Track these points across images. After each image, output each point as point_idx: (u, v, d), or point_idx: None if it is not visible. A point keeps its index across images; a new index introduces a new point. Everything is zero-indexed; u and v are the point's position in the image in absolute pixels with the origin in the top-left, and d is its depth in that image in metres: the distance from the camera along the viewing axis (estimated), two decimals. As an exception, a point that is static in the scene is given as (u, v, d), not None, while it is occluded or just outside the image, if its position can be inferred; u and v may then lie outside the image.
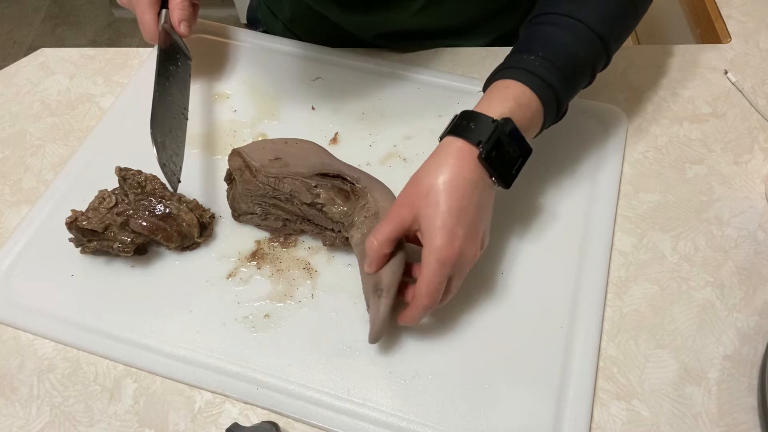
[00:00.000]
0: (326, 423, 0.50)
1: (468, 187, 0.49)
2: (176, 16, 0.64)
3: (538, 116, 0.52)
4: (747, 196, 0.62)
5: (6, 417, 0.53)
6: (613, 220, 0.61)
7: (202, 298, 0.57)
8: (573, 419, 0.50)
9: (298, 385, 0.52)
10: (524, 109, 0.51)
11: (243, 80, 0.73)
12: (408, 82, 0.72)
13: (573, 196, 0.62)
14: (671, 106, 0.70)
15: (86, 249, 0.58)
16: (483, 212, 0.51)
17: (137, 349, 0.54)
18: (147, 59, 0.76)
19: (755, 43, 0.75)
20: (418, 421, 0.50)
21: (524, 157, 0.52)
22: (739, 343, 0.54)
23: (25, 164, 0.68)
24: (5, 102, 0.74)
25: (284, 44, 0.76)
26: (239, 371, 0.53)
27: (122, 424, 0.52)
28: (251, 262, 0.59)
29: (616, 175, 0.64)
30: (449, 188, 0.48)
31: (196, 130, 0.69)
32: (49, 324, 0.56)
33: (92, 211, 0.57)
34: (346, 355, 0.54)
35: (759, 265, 0.58)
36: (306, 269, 0.59)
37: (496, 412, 0.50)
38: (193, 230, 0.58)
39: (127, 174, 0.58)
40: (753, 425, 0.50)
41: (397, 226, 0.50)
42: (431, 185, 0.49)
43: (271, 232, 0.60)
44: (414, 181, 0.51)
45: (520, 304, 0.56)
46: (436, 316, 0.55)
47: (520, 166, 0.52)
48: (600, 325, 0.55)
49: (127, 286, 0.58)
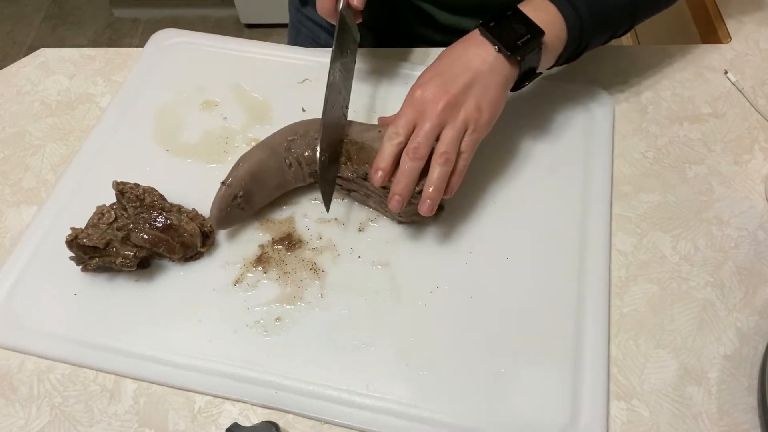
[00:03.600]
0: (348, 420, 0.51)
1: (459, 51, 0.56)
2: None
3: (556, 24, 0.57)
4: (747, 196, 0.62)
5: (6, 417, 0.53)
6: (610, 191, 0.62)
7: (210, 307, 0.57)
8: (591, 394, 0.51)
9: (317, 384, 0.52)
10: (541, 12, 0.56)
11: (230, 87, 0.73)
12: (395, 78, 0.72)
13: (568, 174, 0.64)
14: (671, 106, 0.70)
15: (88, 267, 0.56)
16: (473, 79, 0.54)
17: (149, 363, 0.54)
18: (139, 59, 0.76)
19: (755, 43, 0.75)
20: (439, 410, 0.51)
21: (533, 35, 0.55)
22: (739, 343, 0.54)
23: (25, 164, 0.68)
24: (5, 102, 0.74)
25: (268, 48, 0.76)
26: (256, 376, 0.53)
27: (122, 424, 0.52)
28: (257, 267, 0.59)
29: (608, 148, 0.65)
30: (442, 55, 0.57)
31: (187, 139, 0.68)
32: (57, 346, 0.55)
33: (92, 228, 0.56)
34: (361, 351, 0.54)
35: (759, 265, 0.58)
36: (313, 270, 0.59)
37: (515, 395, 0.51)
38: (196, 240, 0.58)
39: (124, 188, 0.57)
40: (753, 425, 0.50)
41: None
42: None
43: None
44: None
45: (527, 288, 0.57)
46: (446, 302, 0.56)
47: (529, 42, 0.55)
48: (607, 295, 0.56)
49: (132, 301, 0.57)
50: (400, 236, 0.60)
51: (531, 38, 0.55)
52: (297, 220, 0.62)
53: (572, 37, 0.58)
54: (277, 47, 0.77)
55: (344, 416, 0.51)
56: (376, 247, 0.60)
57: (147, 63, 0.75)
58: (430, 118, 0.53)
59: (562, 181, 0.63)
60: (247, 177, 0.58)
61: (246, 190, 0.58)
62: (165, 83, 0.73)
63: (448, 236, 0.60)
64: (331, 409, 0.51)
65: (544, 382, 0.52)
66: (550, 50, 0.57)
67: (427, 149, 0.53)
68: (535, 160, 0.65)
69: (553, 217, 0.61)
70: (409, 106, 0.55)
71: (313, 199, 0.63)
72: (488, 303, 0.56)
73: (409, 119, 0.54)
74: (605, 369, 0.52)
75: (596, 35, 0.60)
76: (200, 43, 0.78)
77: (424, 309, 0.56)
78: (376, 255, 0.59)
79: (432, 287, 0.57)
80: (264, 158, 0.59)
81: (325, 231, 0.61)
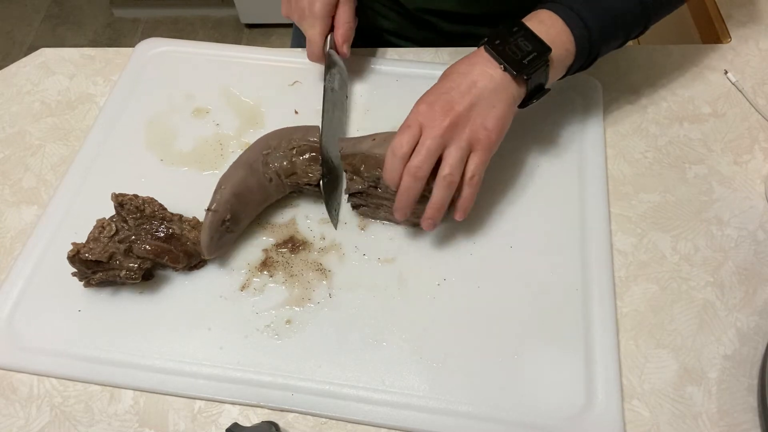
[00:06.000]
0: (368, 417, 0.51)
1: (464, 68, 0.55)
2: (341, 34, 0.65)
3: (563, 37, 0.55)
4: (747, 196, 0.62)
5: (6, 417, 0.53)
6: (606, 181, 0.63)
7: (219, 314, 0.56)
8: (604, 373, 0.52)
9: (333, 384, 0.52)
10: (546, 26, 0.55)
11: (220, 93, 0.73)
12: (386, 76, 0.72)
13: (562, 159, 0.65)
14: (671, 106, 0.70)
15: (91, 282, 0.56)
16: (477, 98, 0.53)
17: (163, 375, 0.53)
18: (125, 70, 0.76)
19: (755, 43, 0.75)
20: (457, 401, 0.51)
21: (540, 52, 0.53)
22: (739, 343, 0.54)
23: (25, 164, 0.68)
24: (5, 102, 0.74)
25: (255, 53, 0.76)
26: (270, 380, 0.53)
27: (122, 424, 0.52)
28: (262, 271, 0.59)
29: (600, 139, 0.66)
30: (447, 72, 0.56)
31: (180, 148, 0.68)
32: (65, 364, 0.54)
33: (93, 242, 0.55)
34: (374, 347, 0.54)
35: (759, 265, 0.58)
36: (319, 270, 0.59)
37: (530, 380, 0.52)
38: (199, 248, 0.57)
39: (123, 199, 0.56)
40: (753, 425, 0.50)
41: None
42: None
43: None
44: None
45: (533, 274, 0.57)
46: (454, 294, 0.56)
47: (535, 60, 0.53)
48: (611, 276, 0.57)
49: (139, 314, 0.57)
50: (403, 232, 0.60)
51: (537, 56, 0.53)
52: (299, 222, 0.62)
53: (582, 49, 0.56)
54: (264, 51, 0.77)
55: (364, 414, 0.51)
56: (381, 245, 0.60)
57: (133, 74, 0.75)
58: (434, 136, 0.52)
59: (559, 170, 0.64)
60: (232, 199, 0.57)
61: (233, 212, 0.57)
62: (153, 93, 0.73)
63: (450, 229, 0.60)
64: (349, 408, 0.51)
65: (558, 365, 0.52)
66: (559, 64, 0.56)
67: (428, 170, 0.52)
68: (532, 151, 0.65)
69: (552, 204, 0.62)
70: (414, 120, 0.53)
71: (313, 200, 0.63)
72: (495, 291, 0.57)
73: (413, 133, 0.53)
74: (615, 349, 0.53)
75: (607, 43, 0.58)
76: (185, 51, 0.77)
77: (433, 302, 0.56)
78: (381, 252, 0.59)
79: (439, 280, 0.57)
80: (244, 177, 0.58)
81: (328, 231, 0.61)
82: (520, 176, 0.62)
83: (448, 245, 0.59)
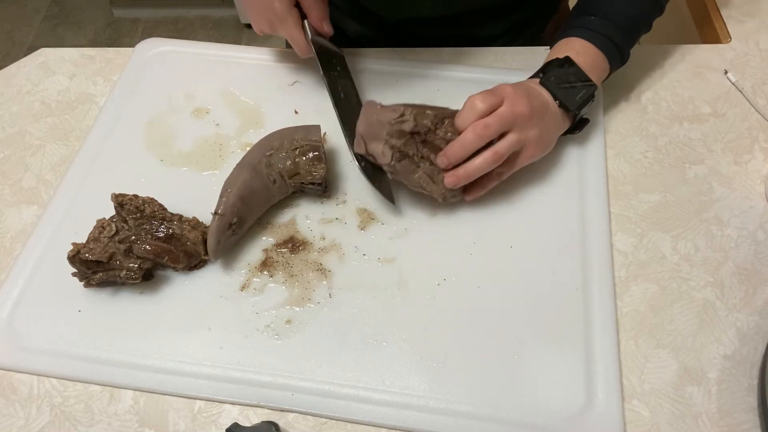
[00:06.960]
0: (368, 417, 0.51)
1: (535, 92, 0.59)
2: (314, 16, 0.65)
3: (599, 61, 0.62)
4: (747, 196, 0.62)
5: (6, 417, 0.53)
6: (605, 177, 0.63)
7: (219, 314, 0.56)
8: (604, 372, 0.52)
9: (333, 384, 0.52)
10: (583, 55, 0.61)
11: (220, 93, 0.73)
12: (383, 76, 0.72)
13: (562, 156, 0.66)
14: (671, 106, 0.70)
15: (91, 282, 0.56)
16: (544, 114, 0.58)
17: (161, 374, 0.53)
18: (124, 70, 0.76)
19: (755, 43, 0.75)
20: (457, 401, 0.51)
21: (587, 87, 0.60)
22: (739, 343, 0.54)
23: (25, 164, 0.68)
24: (5, 102, 0.74)
25: (255, 53, 0.76)
26: (270, 380, 0.53)
27: (122, 424, 0.52)
28: (262, 271, 0.59)
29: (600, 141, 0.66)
30: (519, 83, 0.60)
31: (180, 148, 0.68)
32: (65, 364, 0.54)
33: (93, 242, 0.55)
34: (374, 347, 0.54)
35: (759, 265, 0.58)
36: (319, 270, 0.59)
37: (530, 379, 0.52)
38: (199, 248, 0.57)
39: (123, 199, 0.57)
40: (753, 425, 0.50)
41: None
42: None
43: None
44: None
45: (533, 273, 0.58)
46: (454, 294, 0.56)
47: (587, 95, 0.60)
48: (611, 277, 0.57)
49: (139, 314, 0.57)
50: (403, 232, 0.61)
51: (586, 93, 0.60)
52: (298, 222, 0.62)
53: (614, 65, 0.63)
54: (264, 51, 0.76)
55: (364, 414, 0.51)
56: (380, 245, 0.60)
57: (133, 74, 0.75)
58: (512, 112, 0.55)
59: (559, 170, 0.64)
60: (238, 202, 0.57)
61: (239, 215, 0.57)
62: (153, 93, 0.73)
63: (450, 229, 0.60)
64: (349, 408, 0.51)
65: (558, 365, 0.52)
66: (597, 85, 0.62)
67: (493, 133, 0.55)
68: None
69: (552, 205, 0.62)
70: (499, 93, 0.56)
71: (313, 200, 0.63)
72: (496, 291, 0.57)
73: (494, 101, 0.56)
74: (615, 349, 0.53)
75: (631, 46, 0.65)
76: (185, 51, 0.77)
77: (433, 302, 0.56)
78: (381, 252, 0.59)
79: (439, 280, 0.57)
80: (248, 179, 0.58)
81: (328, 231, 0.61)
82: (520, 176, 0.62)
83: (448, 245, 0.59)
